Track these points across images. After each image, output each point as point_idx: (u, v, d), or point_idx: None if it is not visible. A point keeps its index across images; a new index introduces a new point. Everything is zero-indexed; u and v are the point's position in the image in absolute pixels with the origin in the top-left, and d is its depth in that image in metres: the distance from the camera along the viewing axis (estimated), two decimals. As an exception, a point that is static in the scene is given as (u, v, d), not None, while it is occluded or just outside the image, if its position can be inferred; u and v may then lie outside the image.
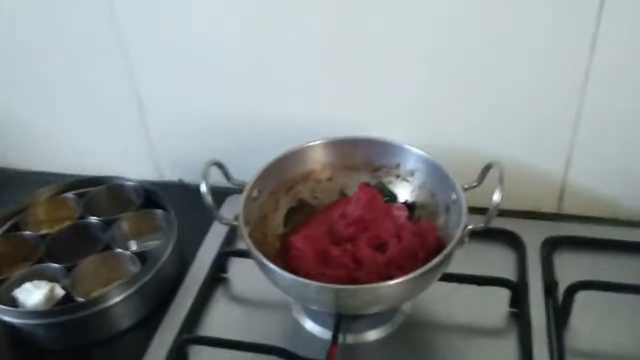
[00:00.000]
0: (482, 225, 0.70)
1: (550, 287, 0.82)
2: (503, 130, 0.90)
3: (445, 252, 0.68)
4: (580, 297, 0.78)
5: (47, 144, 1.12)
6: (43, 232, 0.94)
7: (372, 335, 0.79)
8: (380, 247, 0.77)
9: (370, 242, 0.77)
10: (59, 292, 0.82)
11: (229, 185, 0.81)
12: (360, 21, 0.84)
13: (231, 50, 0.91)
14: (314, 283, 0.68)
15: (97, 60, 0.98)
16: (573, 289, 0.77)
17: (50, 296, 0.81)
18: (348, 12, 0.84)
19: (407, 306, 0.82)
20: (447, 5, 0.80)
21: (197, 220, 0.77)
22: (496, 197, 0.69)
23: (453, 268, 0.78)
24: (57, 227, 0.95)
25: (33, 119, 1.10)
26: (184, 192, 1.04)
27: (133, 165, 1.09)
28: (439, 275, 0.72)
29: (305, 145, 0.86)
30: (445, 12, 0.81)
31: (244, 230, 0.73)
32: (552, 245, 0.88)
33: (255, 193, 0.81)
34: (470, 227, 0.71)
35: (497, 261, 0.88)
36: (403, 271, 0.72)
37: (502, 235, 0.91)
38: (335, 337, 0.74)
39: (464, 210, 0.73)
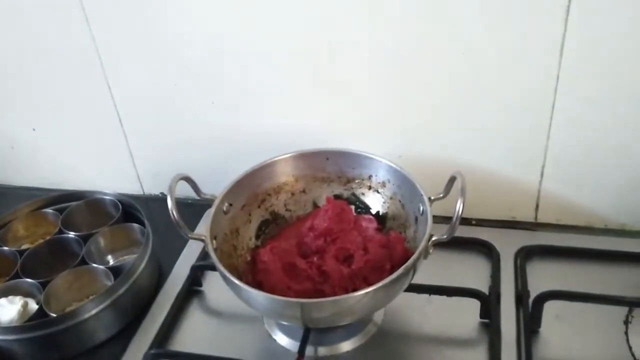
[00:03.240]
0: (445, 236, 0.70)
1: (521, 297, 0.81)
2: (477, 140, 0.90)
3: (408, 263, 0.68)
4: (553, 306, 0.78)
5: (30, 159, 1.14)
6: (22, 247, 0.95)
7: (345, 346, 0.79)
8: (347, 259, 0.77)
9: (337, 254, 0.77)
10: (33, 307, 0.83)
11: (207, 198, 0.81)
12: (332, 35, 0.85)
13: (206, 66, 0.92)
14: (277, 297, 0.68)
15: (79, 78, 0.99)
16: (541, 299, 0.77)
17: (23, 312, 0.82)
18: (320, 26, 0.85)
19: (378, 317, 0.82)
20: (415, 19, 0.81)
21: (177, 233, 0.78)
22: (458, 208, 0.69)
23: (427, 278, 0.79)
24: (37, 243, 0.96)
25: (17, 135, 1.11)
26: (165, 206, 1.05)
27: (116, 179, 1.11)
28: (404, 287, 0.72)
29: (276, 158, 0.86)
30: (415, 26, 0.81)
31: (209, 244, 0.73)
32: (525, 255, 0.88)
33: (225, 206, 0.82)
34: (434, 238, 0.71)
35: (471, 271, 0.88)
36: (368, 283, 0.72)
37: (476, 245, 0.91)
38: (302, 350, 0.74)
39: (429, 221, 0.73)
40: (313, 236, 0.80)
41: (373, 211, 0.87)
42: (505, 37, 0.80)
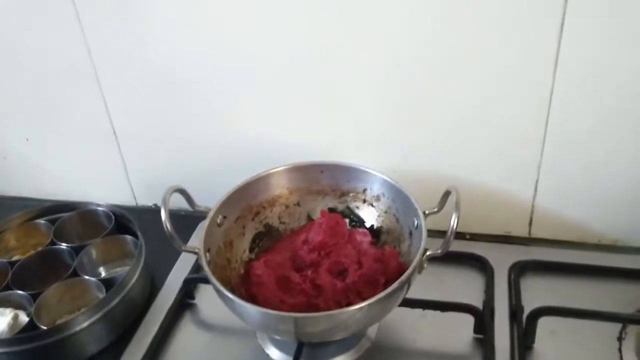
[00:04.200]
0: (439, 251, 0.70)
1: (515, 312, 0.81)
2: (471, 155, 0.90)
3: (402, 278, 0.68)
4: (547, 322, 0.77)
5: (23, 170, 1.13)
6: (13, 258, 0.94)
7: (338, 361, 0.79)
8: (342, 273, 0.77)
9: (331, 268, 0.77)
10: (23, 319, 0.83)
11: (201, 210, 0.81)
12: (326, 48, 0.85)
13: (201, 78, 0.92)
14: (271, 312, 0.68)
15: (73, 90, 0.99)
16: (535, 315, 0.77)
17: (13, 324, 0.81)
18: (313, 38, 0.85)
19: (372, 332, 0.82)
20: (412, 29, 0.81)
21: (170, 245, 0.78)
22: (452, 222, 0.69)
23: (421, 292, 0.78)
24: (28, 254, 0.96)
25: (9, 145, 1.10)
26: (158, 217, 1.04)
27: (109, 190, 1.10)
28: (398, 302, 0.71)
29: (270, 171, 0.86)
30: (411, 36, 0.82)
31: (203, 258, 0.73)
32: (519, 270, 0.88)
33: (219, 219, 0.81)
34: (429, 252, 0.71)
35: (465, 286, 0.88)
36: (362, 298, 0.72)
37: (470, 259, 0.91)
38: (295, 364, 0.74)
39: (424, 235, 0.73)
40: (307, 249, 0.80)
41: (367, 225, 0.87)
42: (501, 53, 0.80)
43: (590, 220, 0.92)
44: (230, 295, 0.68)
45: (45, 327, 0.80)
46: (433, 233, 0.75)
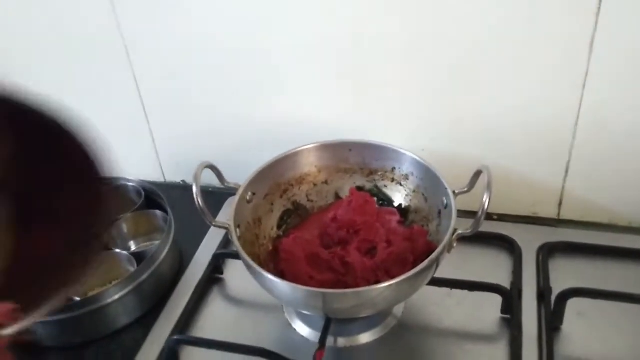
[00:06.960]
0: (469, 230, 0.70)
1: (543, 293, 0.81)
2: (501, 135, 0.89)
3: (432, 257, 0.68)
4: (575, 303, 0.77)
5: (54, 144, 1.14)
6: (45, 231, 0.96)
7: (364, 338, 0.79)
8: (370, 251, 0.77)
9: (360, 246, 0.77)
10: (57, 290, 0.84)
11: (231, 186, 0.81)
12: (357, 25, 0.85)
13: (230, 54, 0.93)
14: (300, 287, 0.68)
15: (104, 65, 1.00)
16: (565, 296, 0.76)
17: (47, 294, 0.83)
18: (344, 16, 0.84)
19: (398, 310, 0.82)
20: (443, 9, 0.80)
21: (198, 221, 0.79)
22: (484, 202, 0.68)
23: (448, 272, 0.78)
24: (60, 227, 0.97)
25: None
26: (186, 194, 1.06)
27: (138, 167, 1.11)
28: (426, 280, 0.72)
29: (299, 149, 0.86)
30: (442, 17, 0.81)
31: (234, 233, 0.74)
32: (548, 251, 0.87)
33: (249, 195, 0.82)
34: (459, 232, 0.71)
35: (493, 266, 0.87)
36: (391, 276, 0.72)
37: (498, 240, 0.90)
38: (322, 340, 0.74)
39: (454, 215, 0.73)
40: (336, 227, 0.80)
41: (395, 204, 0.87)
42: (534, 35, 0.79)
43: (621, 202, 0.91)
44: (261, 271, 0.69)
45: (77, 299, 0.82)
46: (460, 213, 0.74)
